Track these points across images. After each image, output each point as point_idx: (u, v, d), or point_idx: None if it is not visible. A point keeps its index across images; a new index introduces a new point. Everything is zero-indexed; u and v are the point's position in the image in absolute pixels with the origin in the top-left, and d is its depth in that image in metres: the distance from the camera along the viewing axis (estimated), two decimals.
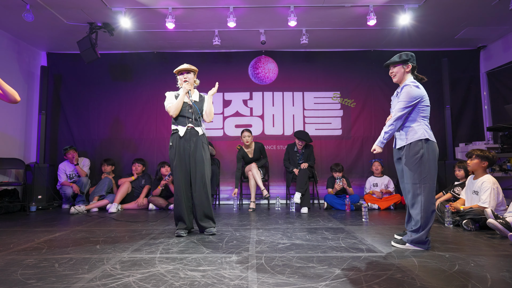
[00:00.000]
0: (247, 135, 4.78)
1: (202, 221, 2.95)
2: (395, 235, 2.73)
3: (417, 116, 2.46)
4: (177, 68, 3.08)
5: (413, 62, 2.57)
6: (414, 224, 2.42)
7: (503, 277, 1.80)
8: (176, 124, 2.96)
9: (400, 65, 2.57)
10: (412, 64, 2.56)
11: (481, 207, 3.10)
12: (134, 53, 5.64)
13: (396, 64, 2.59)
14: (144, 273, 1.90)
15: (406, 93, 2.46)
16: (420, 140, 2.40)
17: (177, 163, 2.89)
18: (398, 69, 2.59)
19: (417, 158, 2.38)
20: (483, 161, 3.25)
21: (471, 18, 4.50)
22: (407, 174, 2.45)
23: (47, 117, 5.26)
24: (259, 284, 1.72)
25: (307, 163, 4.72)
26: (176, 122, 2.96)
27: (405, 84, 2.52)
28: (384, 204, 4.55)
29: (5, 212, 4.38)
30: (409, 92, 2.44)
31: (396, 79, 2.62)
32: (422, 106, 2.46)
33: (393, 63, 2.59)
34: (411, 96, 2.43)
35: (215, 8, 4.20)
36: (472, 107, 5.53)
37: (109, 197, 4.70)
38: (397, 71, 2.59)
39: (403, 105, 2.45)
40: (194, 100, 3.02)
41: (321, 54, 5.67)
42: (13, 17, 4.30)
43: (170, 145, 2.92)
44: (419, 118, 2.46)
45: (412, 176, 2.40)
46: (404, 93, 2.48)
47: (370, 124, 5.59)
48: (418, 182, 2.38)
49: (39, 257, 2.26)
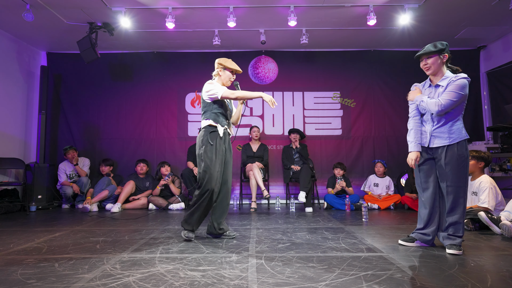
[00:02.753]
0: (256, 130, 5.17)
1: (222, 224, 2.82)
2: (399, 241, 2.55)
3: (459, 113, 2.28)
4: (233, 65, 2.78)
5: (448, 52, 2.33)
6: (455, 230, 2.29)
7: (503, 277, 1.80)
8: (216, 122, 2.70)
9: (436, 56, 2.31)
10: (448, 54, 2.33)
11: (480, 207, 3.10)
12: (134, 53, 5.64)
13: (432, 55, 2.31)
14: (144, 273, 1.90)
15: (462, 87, 2.21)
16: (465, 140, 2.27)
17: (216, 162, 2.66)
18: (434, 60, 2.31)
19: (464, 159, 2.24)
20: (479, 162, 3.26)
21: (471, 18, 4.50)
22: (449, 176, 2.26)
23: (47, 117, 5.26)
24: (259, 284, 1.72)
25: (305, 163, 4.76)
26: (216, 120, 2.69)
27: (460, 77, 2.26)
28: (384, 204, 4.55)
29: (5, 212, 4.37)
30: (465, 87, 2.22)
31: (431, 71, 2.36)
32: (464, 104, 2.30)
33: (428, 53, 2.31)
34: (465, 91, 2.21)
35: (215, 8, 4.20)
36: (472, 107, 5.53)
37: (109, 188, 4.70)
38: (433, 63, 2.32)
39: (455, 96, 2.20)
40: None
41: (321, 54, 5.67)
42: (13, 17, 4.30)
43: (210, 143, 2.63)
44: (461, 116, 2.29)
45: (457, 178, 2.25)
46: (457, 85, 2.22)
47: (370, 124, 5.59)
48: (463, 184, 2.25)
49: (39, 257, 2.26)
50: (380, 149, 5.51)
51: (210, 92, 2.67)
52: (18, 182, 4.74)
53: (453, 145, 2.27)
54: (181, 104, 5.66)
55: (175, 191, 4.74)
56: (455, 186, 2.27)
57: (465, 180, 2.28)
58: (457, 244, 2.28)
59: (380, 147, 5.52)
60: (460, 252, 2.25)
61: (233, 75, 2.82)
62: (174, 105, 5.66)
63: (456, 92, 2.22)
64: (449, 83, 2.28)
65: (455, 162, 2.26)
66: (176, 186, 4.80)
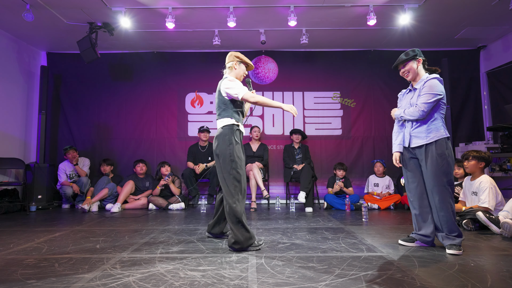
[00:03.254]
0: (257, 130, 5.17)
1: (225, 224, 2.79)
2: (399, 241, 2.57)
3: (437, 113, 2.36)
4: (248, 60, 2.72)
5: (421, 55, 2.47)
6: (449, 229, 2.31)
7: (503, 277, 1.80)
8: (237, 120, 2.58)
9: (410, 62, 2.46)
10: (422, 57, 2.46)
11: (480, 207, 3.11)
12: (134, 53, 5.64)
13: (406, 62, 2.47)
14: (144, 273, 1.90)
15: (433, 87, 2.31)
16: (444, 138, 2.32)
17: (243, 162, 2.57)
18: (410, 66, 2.46)
19: (444, 157, 2.28)
20: (480, 162, 3.26)
21: (471, 18, 4.50)
22: (432, 176, 2.30)
23: (47, 117, 5.26)
24: (259, 284, 1.72)
25: (304, 163, 4.77)
26: (238, 119, 2.58)
27: (429, 78, 2.35)
28: (384, 204, 4.55)
29: (5, 212, 4.37)
30: (436, 86, 2.31)
31: (411, 77, 2.49)
32: (441, 103, 2.37)
33: (402, 61, 2.48)
34: (438, 90, 2.31)
35: (215, 8, 4.20)
36: (472, 107, 5.54)
37: (109, 186, 4.71)
38: (409, 68, 2.47)
39: (429, 98, 2.30)
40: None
41: (321, 54, 5.67)
42: (13, 17, 4.30)
43: (237, 141, 2.53)
44: (439, 115, 2.36)
45: (440, 177, 2.28)
46: (429, 86, 2.32)
47: (370, 124, 5.59)
48: (447, 183, 2.29)
49: (39, 257, 2.26)
50: (380, 149, 5.51)
51: (231, 91, 2.50)
52: (18, 182, 4.74)
53: (431, 144, 2.33)
54: (181, 104, 5.66)
55: (175, 191, 4.74)
56: (440, 185, 2.30)
57: (449, 178, 2.30)
58: (457, 244, 2.29)
59: (380, 147, 5.52)
60: (460, 252, 2.26)
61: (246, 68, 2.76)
62: (174, 105, 5.66)
63: (429, 93, 2.32)
64: (423, 85, 2.39)
65: (435, 162, 2.30)
66: (176, 186, 4.80)
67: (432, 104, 2.32)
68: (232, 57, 2.67)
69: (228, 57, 2.69)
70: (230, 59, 2.68)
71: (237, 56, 2.67)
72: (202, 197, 4.71)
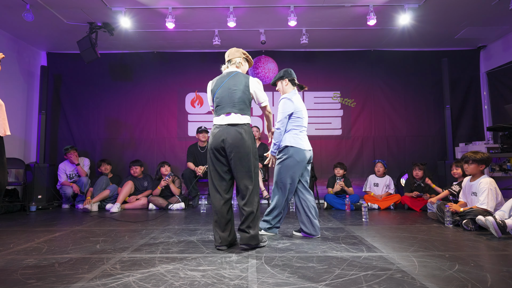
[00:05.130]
0: (255, 130, 5.20)
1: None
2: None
3: (290, 125, 2.81)
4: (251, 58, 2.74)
5: (288, 76, 2.92)
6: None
7: (503, 277, 1.80)
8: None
9: (279, 82, 2.96)
10: (288, 78, 2.92)
11: (480, 208, 3.10)
12: (134, 53, 5.64)
13: (276, 83, 2.99)
14: (144, 273, 1.90)
15: (281, 105, 2.81)
16: (285, 147, 2.77)
17: None
18: (279, 86, 2.97)
19: (281, 161, 2.78)
20: (480, 165, 3.26)
21: (471, 18, 4.50)
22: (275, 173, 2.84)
23: (47, 117, 5.26)
24: (259, 284, 1.72)
25: None
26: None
27: (281, 98, 2.86)
28: (384, 204, 4.55)
29: (5, 212, 4.37)
30: (283, 104, 2.80)
31: (281, 92, 2.98)
32: (294, 117, 2.80)
33: (272, 82, 3.02)
34: (285, 108, 2.78)
35: (215, 8, 4.20)
36: (472, 107, 5.54)
37: (110, 188, 4.72)
38: (279, 87, 2.97)
39: (281, 115, 2.79)
40: None
41: (321, 54, 5.67)
42: (13, 17, 4.30)
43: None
44: (291, 127, 2.81)
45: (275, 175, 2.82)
46: (280, 105, 2.83)
47: (370, 124, 5.59)
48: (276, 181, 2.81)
49: (39, 257, 2.26)
50: (380, 149, 5.51)
51: (261, 95, 2.53)
52: (18, 182, 4.74)
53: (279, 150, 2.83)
54: (181, 104, 5.66)
55: (175, 191, 4.74)
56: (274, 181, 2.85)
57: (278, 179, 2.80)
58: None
59: (380, 147, 5.52)
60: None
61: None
62: (174, 105, 5.66)
63: (280, 112, 2.81)
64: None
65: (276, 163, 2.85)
66: (176, 186, 4.80)
67: (285, 119, 2.78)
68: (240, 53, 2.61)
69: (234, 52, 2.59)
70: (237, 55, 2.59)
71: (244, 53, 2.63)
72: (202, 197, 4.71)
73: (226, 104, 2.43)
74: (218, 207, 2.42)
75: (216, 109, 2.50)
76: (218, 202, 2.42)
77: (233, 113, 2.41)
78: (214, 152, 2.43)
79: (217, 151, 2.42)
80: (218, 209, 2.42)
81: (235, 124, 2.40)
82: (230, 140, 2.36)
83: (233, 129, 2.38)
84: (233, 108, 2.42)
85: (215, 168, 2.45)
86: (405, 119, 5.57)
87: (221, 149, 2.40)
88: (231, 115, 2.41)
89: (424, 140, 5.53)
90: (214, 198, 2.45)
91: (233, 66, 2.59)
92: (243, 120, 2.43)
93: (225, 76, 2.52)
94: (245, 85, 2.46)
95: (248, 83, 2.48)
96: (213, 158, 2.45)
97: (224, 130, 2.39)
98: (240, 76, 2.49)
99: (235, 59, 2.58)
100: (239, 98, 2.43)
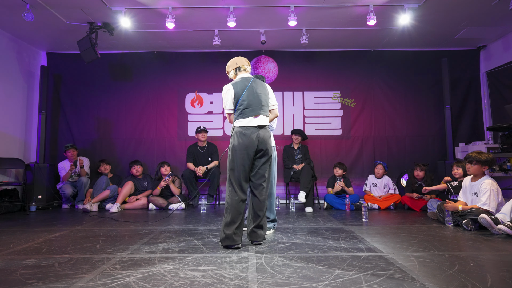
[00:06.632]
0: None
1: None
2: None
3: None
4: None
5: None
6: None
7: (503, 277, 1.80)
8: None
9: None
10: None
11: (481, 208, 3.10)
12: (134, 53, 5.64)
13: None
14: (144, 273, 1.90)
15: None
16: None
17: None
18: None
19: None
20: (483, 166, 3.25)
21: (471, 18, 4.50)
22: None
23: (47, 117, 5.26)
24: (259, 284, 1.72)
25: (304, 163, 4.77)
26: None
27: None
28: (384, 204, 4.55)
29: (5, 212, 4.37)
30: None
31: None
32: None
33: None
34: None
35: (215, 8, 4.19)
36: (472, 107, 5.53)
37: (111, 188, 4.72)
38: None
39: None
40: None
41: (321, 54, 5.67)
42: (13, 17, 4.29)
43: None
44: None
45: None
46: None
47: (370, 124, 5.59)
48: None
49: (39, 257, 2.26)
50: (380, 149, 5.51)
51: (276, 100, 2.78)
52: (18, 182, 4.74)
53: None
54: (181, 104, 5.66)
55: (175, 191, 4.74)
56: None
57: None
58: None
59: (380, 147, 5.52)
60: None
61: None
62: (174, 105, 5.66)
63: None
64: None
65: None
66: (176, 186, 4.80)
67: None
68: (247, 61, 2.83)
69: (242, 60, 2.79)
70: (245, 62, 2.80)
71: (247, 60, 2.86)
72: (202, 197, 4.70)
73: (256, 107, 2.57)
74: (236, 205, 2.47)
75: (243, 111, 2.57)
76: (237, 201, 2.47)
77: (261, 115, 2.59)
78: (248, 152, 2.51)
79: (251, 150, 2.50)
80: (236, 208, 2.46)
81: (263, 126, 2.59)
82: (262, 140, 2.54)
83: (262, 130, 2.57)
84: (261, 111, 2.59)
85: (245, 168, 2.52)
86: (405, 119, 5.57)
87: (254, 148, 2.51)
88: (259, 117, 2.58)
89: (424, 140, 5.53)
90: (234, 196, 2.48)
91: (244, 72, 2.77)
92: (267, 122, 2.66)
93: (245, 80, 2.65)
94: (267, 90, 2.71)
95: (267, 88, 2.73)
96: (245, 158, 2.51)
97: (255, 131, 2.54)
98: (258, 81, 2.70)
99: (244, 66, 2.78)
100: (264, 101, 2.63)
